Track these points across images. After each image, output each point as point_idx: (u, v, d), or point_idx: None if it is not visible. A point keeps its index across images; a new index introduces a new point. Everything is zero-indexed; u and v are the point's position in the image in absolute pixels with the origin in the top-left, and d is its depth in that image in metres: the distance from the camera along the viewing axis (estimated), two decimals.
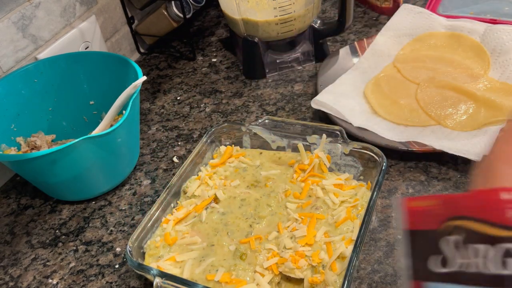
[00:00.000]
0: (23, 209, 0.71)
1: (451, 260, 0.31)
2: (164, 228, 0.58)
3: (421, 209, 0.34)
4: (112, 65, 0.72)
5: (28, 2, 0.75)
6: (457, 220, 0.31)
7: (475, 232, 0.30)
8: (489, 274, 0.29)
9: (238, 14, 0.83)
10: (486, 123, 0.65)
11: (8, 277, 0.61)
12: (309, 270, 0.51)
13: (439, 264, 0.32)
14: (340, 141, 0.62)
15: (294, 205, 0.58)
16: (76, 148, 0.59)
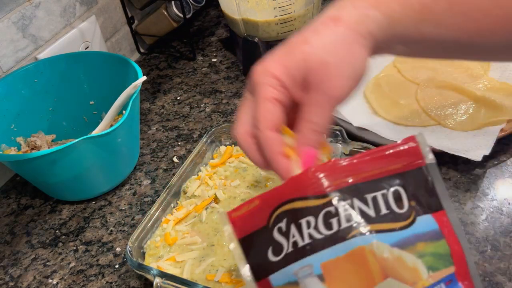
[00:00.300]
0: (23, 209, 0.71)
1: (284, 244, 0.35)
2: (164, 228, 0.58)
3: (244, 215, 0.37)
4: (112, 65, 0.72)
5: (28, 2, 0.75)
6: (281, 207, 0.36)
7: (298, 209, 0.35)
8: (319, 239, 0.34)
9: (238, 14, 0.83)
10: (486, 123, 0.65)
11: (8, 277, 0.61)
12: None
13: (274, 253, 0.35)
14: (340, 141, 0.62)
15: None
16: (76, 148, 0.59)
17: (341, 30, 0.38)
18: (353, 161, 0.35)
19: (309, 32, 0.38)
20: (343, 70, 0.37)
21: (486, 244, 0.54)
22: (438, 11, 0.38)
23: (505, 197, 0.59)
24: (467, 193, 0.61)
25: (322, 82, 0.37)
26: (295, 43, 0.38)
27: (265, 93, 0.38)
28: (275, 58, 0.38)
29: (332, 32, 0.38)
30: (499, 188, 0.60)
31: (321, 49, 0.37)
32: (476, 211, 0.58)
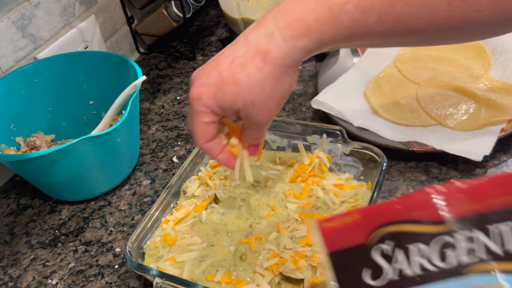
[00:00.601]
0: (23, 209, 0.70)
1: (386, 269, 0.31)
2: (164, 228, 0.58)
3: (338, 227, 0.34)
4: (112, 65, 0.72)
5: (28, 2, 0.74)
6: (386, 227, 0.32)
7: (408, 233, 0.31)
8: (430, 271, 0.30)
9: (238, 14, 0.83)
10: (487, 123, 0.65)
11: (7, 278, 0.61)
12: (309, 270, 0.51)
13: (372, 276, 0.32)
14: (340, 141, 0.62)
15: (294, 205, 0.58)
16: (76, 148, 0.59)
17: (269, 68, 0.40)
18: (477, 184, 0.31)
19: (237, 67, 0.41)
20: (269, 105, 0.43)
21: None
22: (368, 23, 0.39)
23: None
24: None
25: (251, 117, 0.43)
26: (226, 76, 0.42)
27: (199, 118, 0.44)
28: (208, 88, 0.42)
29: (260, 71, 0.41)
30: None
31: (248, 91, 0.41)
32: None
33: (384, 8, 0.38)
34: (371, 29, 0.39)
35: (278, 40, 0.40)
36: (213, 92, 0.42)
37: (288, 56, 0.40)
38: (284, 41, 0.40)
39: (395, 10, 0.38)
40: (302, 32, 0.40)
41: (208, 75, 0.43)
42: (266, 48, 0.40)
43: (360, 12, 0.38)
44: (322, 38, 0.40)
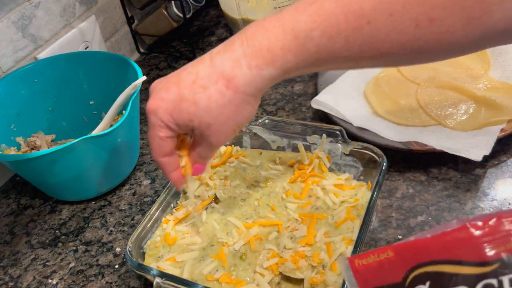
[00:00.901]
0: (23, 209, 0.71)
1: None
2: (164, 228, 0.58)
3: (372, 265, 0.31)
4: (112, 65, 0.72)
5: (28, 2, 0.74)
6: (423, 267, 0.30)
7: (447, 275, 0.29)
8: None
9: (238, 14, 0.83)
10: (487, 123, 0.65)
11: (8, 277, 0.61)
12: (309, 270, 0.51)
13: None
14: (340, 141, 0.62)
15: (294, 205, 0.58)
16: (76, 148, 0.59)
17: (230, 94, 0.41)
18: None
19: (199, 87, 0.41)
20: (225, 128, 0.43)
21: None
22: (334, 48, 0.39)
23: (505, 197, 0.59)
24: (467, 193, 0.60)
25: (206, 137, 0.44)
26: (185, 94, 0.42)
27: (155, 132, 0.44)
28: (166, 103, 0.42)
29: (221, 95, 0.41)
30: (499, 188, 0.60)
31: (206, 113, 0.41)
32: (476, 211, 0.58)
33: (351, 33, 0.38)
34: (337, 54, 0.39)
35: (243, 67, 0.40)
36: (171, 108, 0.42)
37: (251, 85, 0.41)
38: (249, 69, 0.40)
39: (362, 34, 0.38)
40: (266, 62, 0.40)
41: (168, 90, 0.43)
42: (231, 74, 0.41)
43: (326, 38, 0.38)
44: (286, 67, 0.40)
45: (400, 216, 0.59)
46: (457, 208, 0.59)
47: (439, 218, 0.58)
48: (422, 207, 0.60)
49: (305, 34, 0.39)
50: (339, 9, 0.37)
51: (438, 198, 0.60)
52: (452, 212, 0.58)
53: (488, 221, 0.28)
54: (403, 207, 0.60)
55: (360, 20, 0.37)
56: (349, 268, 0.32)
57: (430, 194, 0.61)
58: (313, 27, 0.38)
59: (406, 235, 0.57)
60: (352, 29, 0.37)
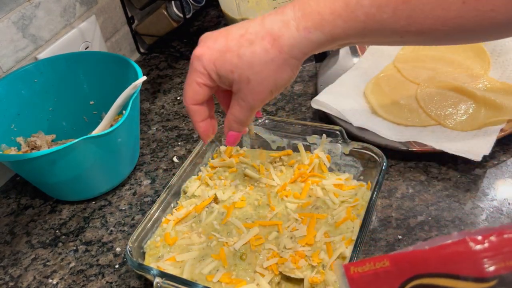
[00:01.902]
0: (23, 209, 0.71)
1: None
2: (164, 228, 0.58)
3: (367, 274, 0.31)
4: (112, 65, 0.72)
5: (28, 2, 0.75)
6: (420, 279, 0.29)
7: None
8: None
9: (238, 14, 0.83)
10: (486, 123, 0.65)
11: (8, 277, 0.61)
12: (309, 270, 0.51)
13: None
14: (340, 141, 0.62)
15: (294, 205, 0.58)
16: (76, 148, 0.59)
17: (274, 52, 0.41)
18: None
19: (246, 41, 0.41)
20: (263, 87, 0.43)
21: None
22: (382, 19, 0.39)
23: (505, 197, 0.59)
24: (467, 193, 0.61)
25: (243, 94, 0.43)
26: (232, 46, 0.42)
27: (194, 77, 0.44)
28: (211, 51, 0.43)
29: (265, 52, 0.41)
30: (499, 188, 0.60)
31: (248, 67, 0.42)
32: (476, 211, 0.58)
33: (399, 5, 0.39)
34: (385, 25, 0.40)
35: (291, 28, 0.41)
36: (215, 56, 0.43)
37: (296, 47, 0.41)
38: (297, 31, 0.40)
39: (409, 7, 0.38)
40: (315, 25, 0.40)
41: (216, 40, 0.43)
42: (278, 33, 0.41)
43: (375, 7, 0.39)
44: (334, 32, 0.40)
45: (400, 216, 0.59)
46: (457, 208, 0.59)
47: (439, 218, 0.58)
48: (422, 207, 0.60)
49: (355, 1, 0.39)
50: None
51: (438, 198, 0.60)
52: (452, 212, 0.59)
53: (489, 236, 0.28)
54: (403, 207, 0.60)
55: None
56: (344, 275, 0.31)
57: (430, 194, 0.61)
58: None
59: (406, 235, 0.57)
60: (401, 1, 0.38)
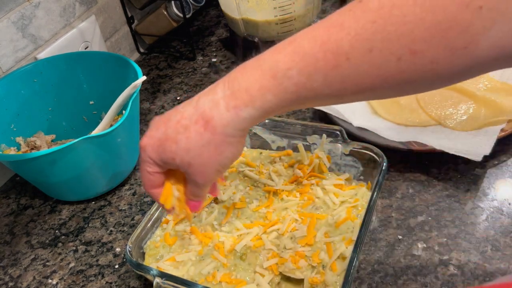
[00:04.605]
0: (23, 209, 0.71)
1: None
2: (164, 228, 0.58)
3: None
4: (112, 65, 0.72)
5: (28, 2, 0.74)
6: None
7: None
8: None
9: (238, 14, 0.83)
10: (486, 123, 0.65)
11: (8, 277, 0.61)
12: (309, 270, 0.51)
13: None
14: (340, 141, 0.62)
15: (294, 205, 0.58)
16: (76, 148, 0.59)
17: (208, 135, 0.41)
18: None
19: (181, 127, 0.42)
20: (207, 168, 0.43)
21: (487, 244, 0.54)
22: (314, 87, 0.38)
23: (505, 197, 0.59)
24: (467, 193, 0.61)
25: (191, 175, 0.44)
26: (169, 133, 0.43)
27: (144, 167, 0.46)
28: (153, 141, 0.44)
29: (200, 136, 0.41)
30: (499, 188, 0.60)
31: (186, 152, 0.42)
32: (476, 211, 0.58)
33: (330, 71, 0.37)
34: (318, 92, 0.38)
35: (221, 108, 0.40)
36: (156, 145, 0.44)
37: (229, 126, 0.41)
38: (226, 110, 0.40)
39: (341, 71, 0.36)
40: (245, 102, 0.40)
41: (158, 128, 0.44)
42: (209, 114, 0.41)
43: (304, 77, 0.37)
44: (267, 106, 0.40)
45: (400, 216, 0.59)
46: (457, 208, 0.59)
47: (439, 218, 0.58)
48: (422, 207, 0.60)
49: (283, 73, 0.38)
50: (317, 48, 0.37)
51: (438, 198, 0.60)
52: (452, 212, 0.58)
53: None
54: (403, 207, 0.60)
55: (338, 58, 0.36)
56: None
57: (430, 194, 0.61)
58: (291, 66, 0.38)
59: (406, 235, 0.57)
60: (331, 67, 0.37)
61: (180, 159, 0.43)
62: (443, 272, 0.52)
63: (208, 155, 0.42)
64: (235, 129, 0.41)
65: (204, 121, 0.41)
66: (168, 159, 0.44)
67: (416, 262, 0.54)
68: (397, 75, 0.36)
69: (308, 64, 0.37)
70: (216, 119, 0.41)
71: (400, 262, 0.54)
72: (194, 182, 0.45)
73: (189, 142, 0.42)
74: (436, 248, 0.55)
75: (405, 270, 0.53)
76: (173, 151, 0.43)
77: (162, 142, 0.43)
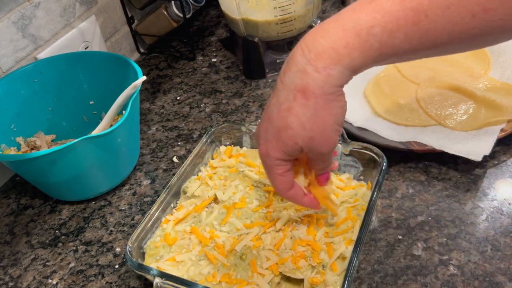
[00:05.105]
0: (23, 209, 0.71)
1: None
2: (164, 228, 0.58)
3: None
4: (112, 65, 0.72)
5: (28, 2, 0.74)
6: None
7: None
8: None
9: (238, 14, 0.83)
10: (486, 123, 0.65)
11: (8, 277, 0.61)
12: (309, 270, 0.51)
13: None
14: (340, 141, 0.62)
15: (294, 205, 0.58)
16: (76, 148, 0.59)
17: (312, 103, 0.42)
18: None
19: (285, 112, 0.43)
20: (327, 134, 0.44)
21: (486, 244, 0.54)
22: (395, 43, 0.40)
23: (505, 197, 0.59)
24: (467, 193, 0.61)
25: (314, 150, 0.45)
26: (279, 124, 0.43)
27: (274, 172, 0.47)
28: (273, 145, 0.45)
29: (305, 108, 0.42)
30: (499, 188, 0.60)
31: (303, 130, 0.43)
32: (476, 211, 0.58)
33: (410, 27, 0.39)
34: (399, 48, 0.40)
35: (311, 73, 0.41)
36: (275, 143, 0.44)
37: (326, 86, 0.41)
38: (317, 73, 0.41)
39: (420, 27, 0.39)
40: (333, 61, 0.40)
41: (266, 130, 0.45)
42: (303, 84, 0.41)
43: (387, 34, 0.39)
44: (354, 64, 0.41)
45: (400, 216, 0.59)
46: (457, 208, 0.59)
47: (439, 218, 0.58)
48: (422, 207, 0.60)
49: (366, 31, 0.40)
50: (397, 5, 0.39)
51: (438, 198, 0.60)
52: (452, 212, 0.59)
53: None
54: (403, 207, 0.60)
55: (418, 15, 0.38)
56: None
57: (430, 194, 0.61)
58: (374, 23, 0.39)
59: (406, 235, 0.57)
60: (411, 23, 0.39)
61: (301, 139, 0.43)
62: (443, 272, 0.53)
63: (321, 120, 0.42)
64: (332, 87, 0.42)
65: (302, 93, 0.42)
66: (291, 147, 0.44)
67: (416, 262, 0.54)
68: (470, 30, 0.39)
69: (390, 21, 0.39)
70: (311, 85, 0.41)
71: (400, 262, 0.54)
72: (320, 155, 0.46)
73: (299, 119, 0.42)
74: (436, 248, 0.55)
75: (405, 270, 0.53)
76: (292, 136, 0.43)
77: (277, 136, 0.44)
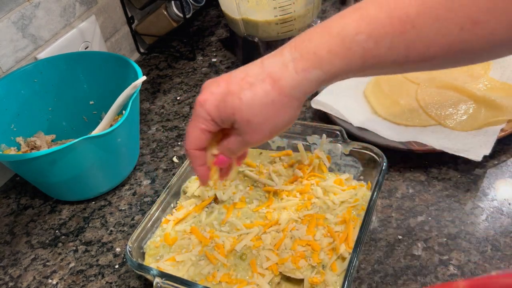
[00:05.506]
0: (23, 209, 0.71)
1: None
2: (164, 228, 0.58)
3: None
4: (112, 65, 0.72)
5: (28, 2, 0.74)
6: None
7: None
8: None
9: (238, 14, 0.83)
10: (486, 123, 0.65)
11: (8, 277, 0.61)
12: (309, 270, 0.51)
13: None
14: (340, 141, 0.62)
15: (294, 205, 0.58)
16: (76, 148, 0.59)
17: (274, 94, 0.41)
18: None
19: (246, 84, 0.42)
20: (264, 128, 0.43)
21: (487, 244, 0.54)
22: (380, 52, 0.39)
23: (505, 197, 0.59)
24: (467, 193, 0.61)
25: (243, 133, 0.44)
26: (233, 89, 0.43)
27: (197, 123, 0.45)
28: (214, 96, 0.44)
29: (266, 94, 0.42)
30: (499, 188, 0.60)
31: (248, 108, 0.42)
32: (476, 211, 0.58)
33: (396, 37, 0.38)
34: (383, 58, 0.40)
35: (290, 70, 0.41)
36: (218, 100, 0.43)
37: (297, 88, 0.41)
38: (296, 72, 0.41)
39: (407, 38, 0.38)
40: (313, 64, 0.40)
41: (218, 85, 0.44)
42: (278, 75, 0.41)
43: (372, 42, 0.39)
44: (333, 70, 0.41)
45: (400, 216, 0.59)
46: (457, 208, 0.59)
47: (439, 218, 0.58)
48: (422, 207, 0.60)
49: (351, 37, 0.39)
50: (384, 14, 0.38)
51: (438, 198, 0.60)
52: (452, 212, 0.58)
53: None
54: (403, 207, 0.60)
55: (405, 25, 0.38)
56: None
57: (430, 194, 0.61)
58: (359, 30, 0.39)
59: (406, 235, 0.57)
60: (397, 33, 0.38)
61: (240, 115, 0.43)
62: (443, 272, 0.53)
63: (268, 115, 0.42)
64: (301, 92, 0.42)
65: (272, 80, 0.41)
66: (228, 114, 0.43)
67: (416, 262, 0.54)
68: (458, 44, 0.38)
69: (376, 29, 0.39)
70: (284, 80, 0.41)
71: (400, 262, 0.54)
72: (241, 138, 0.45)
73: (253, 99, 0.42)
74: (436, 248, 0.55)
75: (405, 270, 0.53)
76: (235, 106, 0.42)
77: (223, 96, 0.43)
